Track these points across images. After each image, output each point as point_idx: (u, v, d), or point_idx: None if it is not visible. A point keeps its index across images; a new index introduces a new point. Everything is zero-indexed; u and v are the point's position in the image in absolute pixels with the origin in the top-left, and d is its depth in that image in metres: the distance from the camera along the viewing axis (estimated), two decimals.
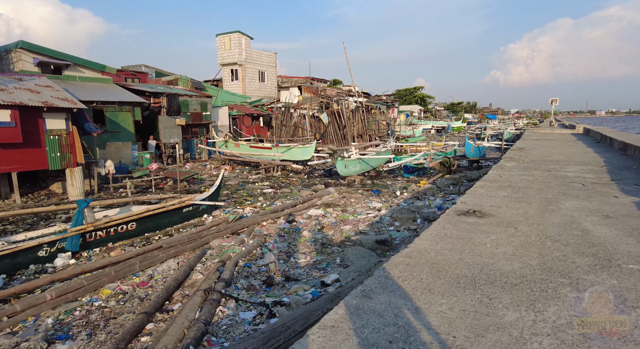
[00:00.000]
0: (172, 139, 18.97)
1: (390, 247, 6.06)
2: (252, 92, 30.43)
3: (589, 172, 7.77)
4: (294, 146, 17.78)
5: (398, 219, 8.28)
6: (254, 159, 18.17)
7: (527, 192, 5.95)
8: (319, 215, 9.33)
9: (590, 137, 18.12)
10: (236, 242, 6.82)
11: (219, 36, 29.98)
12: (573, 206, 5.04)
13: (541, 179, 7.09)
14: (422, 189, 13.00)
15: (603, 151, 11.77)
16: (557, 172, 7.86)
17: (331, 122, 24.47)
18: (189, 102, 20.51)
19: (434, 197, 11.58)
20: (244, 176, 17.06)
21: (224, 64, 30.34)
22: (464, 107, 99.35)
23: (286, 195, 12.88)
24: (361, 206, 10.53)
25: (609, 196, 5.54)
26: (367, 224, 8.18)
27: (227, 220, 8.22)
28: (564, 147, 13.63)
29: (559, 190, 6.06)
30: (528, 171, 8.05)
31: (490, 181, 7.00)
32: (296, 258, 5.83)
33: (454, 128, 47.54)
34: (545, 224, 4.24)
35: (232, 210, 10.49)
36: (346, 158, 15.02)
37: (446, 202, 10.30)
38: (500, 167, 8.79)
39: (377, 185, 15.03)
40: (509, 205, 5.14)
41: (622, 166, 8.40)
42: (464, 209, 4.94)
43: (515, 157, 10.58)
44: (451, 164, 16.41)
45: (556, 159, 9.96)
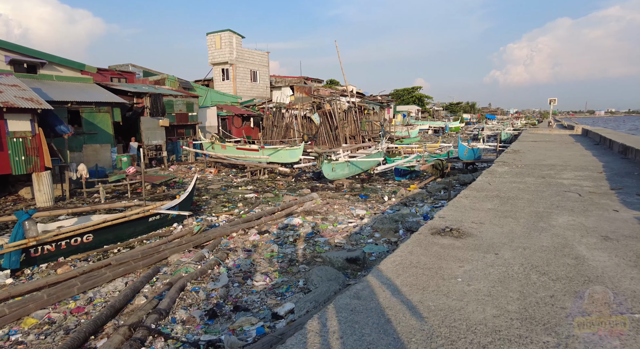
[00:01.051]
0: (155, 141, 18.29)
1: (363, 266, 5.39)
2: (243, 92, 29.76)
3: (586, 179, 7.10)
4: (282, 147, 17.10)
5: (379, 230, 7.61)
6: (240, 162, 17.50)
7: (516, 204, 5.28)
8: (296, 224, 8.65)
9: (589, 139, 17.47)
10: (194, 259, 6.15)
11: (210, 35, 29.30)
12: (567, 222, 4.37)
13: (533, 187, 6.43)
14: (412, 194, 12.33)
15: (602, 154, 11.10)
16: (551, 179, 7.19)
17: (323, 123, 23.79)
18: (174, 102, 19.83)
19: (423, 203, 10.92)
20: (229, 180, 16.39)
21: (215, 64, 29.66)
22: (462, 108, 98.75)
23: (268, 200, 12.22)
24: (344, 214, 9.86)
25: (608, 209, 4.88)
26: (345, 235, 7.51)
27: (192, 232, 7.55)
28: (561, 149, 12.97)
29: (552, 201, 5.39)
30: (520, 177, 7.39)
31: (477, 189, 6.33)
32: (254, 280, 5.15)
33: (452, 129, 46.87)
34: (532, 247, 3.57)
35: (205, 218, 9.83)
36: (333, 161, 14.35)
37: (434, 210, 9.64)
38: (490, 172, 8.13)
39: (367, 189, 14.38)
40: (494, 221, 4.47)
41: (622, 172, 7.74)
42: (441, 226, 4.27)
43: (509, 161, 9.91)
44: (444, 167, 15.74)
45: (552, 164, 9.30)
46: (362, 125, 24.40)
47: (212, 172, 17.91)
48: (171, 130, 20.37)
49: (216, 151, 19.47)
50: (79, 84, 15.99)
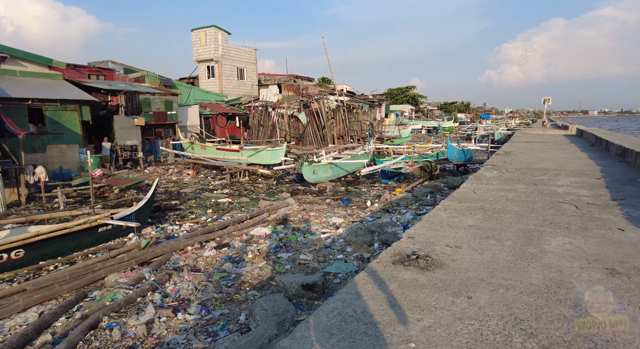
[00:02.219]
0: (130, 141, 17.32)
1: (322, 292, 4.53)
2: (229, 91, 28.79)
3: (583, 186, 6.30)
4: (263, 148, 16.21)
5: (352, 243, 6.76)
6: (220, 163, 16.58)
7: (503, 219, 4.45)
8: (262, 235, 7.78)
9: (584, 139, 16.74)
10: (130, 281, 5.26)
11: (194, 31, 28.30)
12: (562, 246, 3.54)
13: (524, 197, 5.60)
14: (396, 199, 11.50)
15: (599, 157, 10.33)
16: (544, 186, 6.38)
17: (310, 123, 22.91)
18: (152, 100, 18.86)
19: (406, 209, 10.09)
20: (207, 182, 15.48)
21: (200, 61, 28.66)
22: (457, 107, 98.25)
23: (242, 206, 11.34)
24: (319, 222, 9.01)
25: (611, 227, 4.05)
26: (313, 249, 6.65)
27: (139, 246, 6.65)
28: (555, 151, 12.20)
29: (544, 216, 4.57)
30: (510, 184, 6.57)
31: (459, 199, 5.50)
32: (188, 312, 4.28)
33: (445, 128, 46.17)
34: (518, 287, 2.73)
35: (166, 227, 8.93)
36: (315, 163, 13.48)
37: (417, 217, 8.80)
38: (477, 178, 7.30)
39: (350, 193, 13.54)
40: (473, 244, 3.63)
41: (623, 178, 6.94)
42: (407, 251, 3.43)
43: (499, 165, 9.10)
44: (432, 169, 14.94)
45: (545, 168, 8.50)
46: (350, 125, 23.56)
47: (189, 174, 16.99)
48: (149, 129, 19.40)
49: (196, 152, 18.54)
50: (46, 80, 14.98)
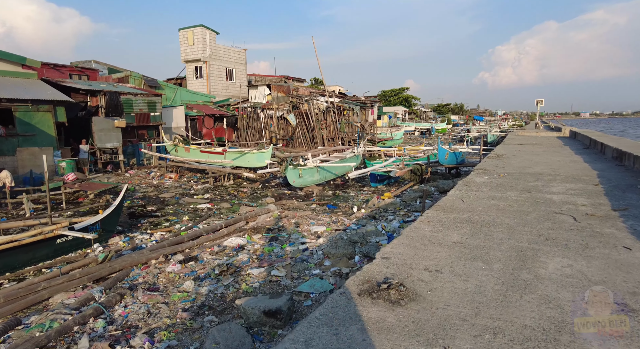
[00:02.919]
0: (111, 144, 16.63)
1: (288, 319, 3.96)
2: (218, 91, 28.15)
3: (580, 193, 5.79)
4: (248, 151, 15.61)
5: (331, 256, 6.20)
6: (203, 166, 15.96)
7: (492, 234, 3.92)
8: (236, 246, 7.19)
9: (578, 142, 16.36)
10: (77, 302, 4.65)
11: (182, 31, 27.63)
12: (561, 270, 3.00)
13: (516, 206, 5.08)
14: (384, 204, 10.97)
15: (594, 160, 9.88)
16: (538, 193, 5.87)
17: (299, 124, 22.35)
18: (134, 101, 18.18)
19: (394, 216, 9.55)
20: (189, 186, 14.84)
21: (188, 61, 28.00)
22: (451, 109, 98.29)
23: (222, 212, 10.74)
24: (301, 231, 8.43)
25: (616, 245, 3.53)
26: (288, 263, 6.07)
27: (97, 260, 6.03)
28: (549, 154, 11.75)
29: (539, 230, 4.04)
30: (501, 191, 6.05)
31: (445, 209, 4.96)
32: (131, 344, 3.68)
33: (438, 130, 45.84)
34: (507, 332, 2.18)
35: (136, 236, 8.31)
36: (301, 166, 12.92)
37: (404, 225, 8.26)
38: (466, 184, 6.78)
39: (338, 197, 13.00)
40: (457, 267, 3.09)
41: (622, 184, 6.46)
42: (379, 277, 2.87)
43: (490, 169, 8.60)
44: (423, 172, 14.44)
45: (539, 172, 8.00)
46: (341, 126, 23.03)
47: (172, 177, 16.33)
48: (131, 131, 18.72)
49: (180, 154, 17.90)
50: (18, 79, 14.28)
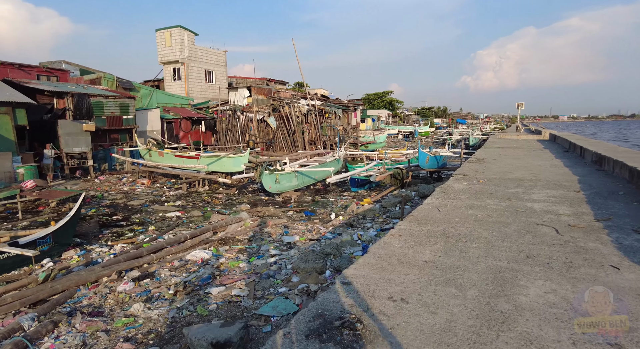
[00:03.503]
0: (79, 148, 15.79)
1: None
2: (197, 94, 27.41)
3: (562, 202, 5.49)
4: (224, 155, 15.01)
5: (300, 271, 5.72)
6: (177, 171, 15.28)
7: (468, 251, 3.52)
8: (199, 260, 6.65)
9: (558, 145, 16.36)
10: (1, 333, 4.05)
11: (159, 31, 26.82)
12: (543, 297, 2.61)
13: (495, 216, 4.72)
14: (363, 211, 10.56)
15: (574, 164, 9.71)
16: (519, 201, 5.54)
17: (280, 127, 21.85)
18: (105, 103, 17.36)
19: (372, 223, 9.14)
20: (161, 193, 14.15)
21: (165, 63, 27.18)
22: (434, 112, 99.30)
23: (192, 220, 10.15)
24: (272, 241, 7.94)
25: (602, 264, 3.17)
26: (252, 280, 5.57)
27: (37, 280, 5.41)
28: (529, 157, 11.58)
29: (519, 245, 3.67)
30: (480, 199, 5.70)
31: (419, 220, 4.56)
32: None
33: (421, 133, 45.96)
34: None
35: (94, 249, 7.67)
36: (278, 171, 12.42)
37: (381, 233, 7.86)
38: (444, 191, 6.42)
39: (317, 203, 12.55)
40: (426, 294, 2.66)
41: (604, 190, 6.20)
42: (334, 311, 2.42)
43: (470, 174, 8.30)
44: (404, 176, 14.13)
45: (520, 178, 7.73)
46: (322, 130, 22.63)
47: (144, 183, 15.60)
48: (102, 135, 17.89)
49: (153, 159, 17.15)
50: None
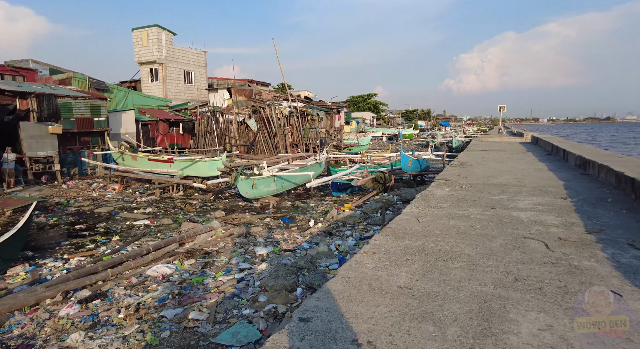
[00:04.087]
0: (44, 152, 14.88)
1: None
2: (175, 95, 26.57)
3: (550, 210, 5.12)
4: (199, 159, 14.36)
5: (269, 289, 5.20)
6: (150, 176, 14.54)
7: (450, 273, 3.07)
8: (159, 276, 6.05)
9: (540, 147, 16.28)
10: None
11: (135, 31, 25.90)
12: (537, 337, 2.17)
13: (479, 228, 4.31)
14: (343, 217, 10.10)
15: (559, 168, 9.47)
16: (504, 210, 5.15)
17: (261, 130, 21.26)
18: (73, 105, 16.47)
19: (352, 230, 8.69)
20: (132, 199, 13.40)
21: (142, 63, 26.27)
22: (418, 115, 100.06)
23: (161, 229, 9.51)
24: (243, 252, 7.38)
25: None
26: (214, 301, 5.01)
27: None
28: (513, 161, 11.34)
29: (506, 265, 3.24)
30: (463, 208, 5.30)
31: (397, 233, 4.10)
32: None
33: (405, 135, 45.99)
34: None
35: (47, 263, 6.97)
36: (255, 176, 11.85)
37: (360, 243, 7.39)
38: (425, 198, 6.00)
39: (296, 209, 12.06)
40: (398, 336, 2.18)
41: (591, 198, 5.89)
42: None
43: (452, 179, 7.93)
44: (386, 180, 13.75)
45: (504, 183, 7.39)
46: (305, 132, 22.14)
47: (115, 189, 14.80)
48: (72, 138, 16.97)
49: (126, 163, 16.35)
50: None
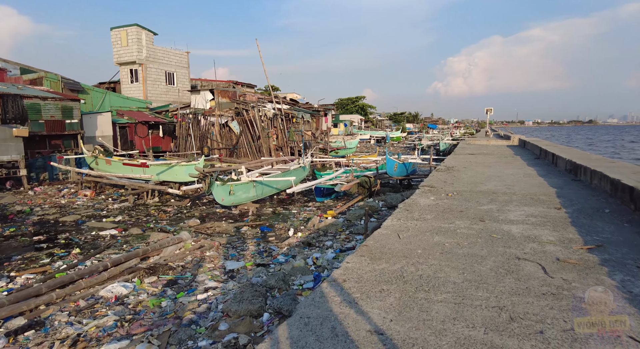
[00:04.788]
0: (7, 156, 13.97)
1: None
2: (156, 97, 25.71)
3: (544, 223, 4.64)
4: (176, 163, 13.64)
5: (232, 314, 4.59)
6: (123, 181, 13.76)
7: (431, 309, 2.53)
8: (113, 298, 5.38)
9: (528, 151, 16.00)
10: None
11: (114, 30, 24.99)
12: None
13: (467, 246, 3.79)
14: (325, 225, 9.53)
15: (548, 173, 9.08)
16: (494, 223, 4.65)
17: (244, 132, 20.60)
18: (42, 106, 15.58)
19: (333, 241, 8.12)
20: (103, 206, 12.62)
21: (122, 63, 25.36)
22: (406, 117, 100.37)
23: (127, 240, 8.81)
24: (212, 268, 6.75)
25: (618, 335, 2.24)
26: (167, 329, 4.38)
27: None
28: (501, 165, 10.95)
29: (498, 297, 2.71)
30: (449, 220, 4.78)
31: (373, 253, 3.55)
32: None
33: (393, 138, 45.75)
34: None
35: None
36: (232, 182, 11.20)
37: (340, 256, 6.83)
38: (408, 209, 5.47)
39: (277, 216, 11.47)
40: None
41: (587, 207, 5.44)
42: None
43: (438, 185, 7.43)
44: (372, 185, 13.25)
45: (492, 190, 6.92)
46: (290, 135, 21.55)
47: (87, 195, 13.97)
48: (41, 141, 16.06)
49: (100, 168, 15.54)
50: None
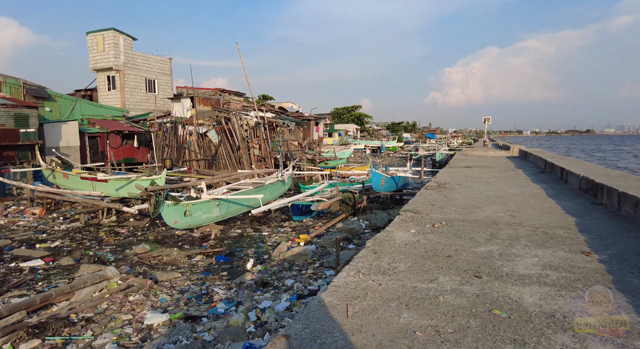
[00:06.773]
0: None
1: None
2: (135, 105, 24.30)
3: (571, 283, 3.12)
4: (135, 178, 12.12)
5: None
6: (76, 198, 12.21)
7: None
8: None
9: (530, 163, 14.54)
10: None
11: (90, 34, 23.69)
12: None
13: (451, 340, 2.25)
14: (292, 255, 7.97)
15: (559, 193, 7.57)
16: (495, 282, 3.13)
17: (222, 142, 19.14)
18: None
19: (296, 278, 6.57)
20: (50, 226, 11.05)
21: (98, 70, 24.00)
22: (404, 127, 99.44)
23: (50, 274, 7.24)
24: (129, 321, 5.18)
25: None
26: None
27: None
28: (501, 182, 9.44)
29: None
30: (429, 275, 3.26)
31: (317, 340, 2.02)
32: None
33: (389, 148, 44.37)
34: None
35: None
36: (188, 201, 9.60)
37: (296, 304, 5.27)
38: (377, 251, 3.93)
39: (244, 239, 9.97)
40: None
41: (628, 251, 3.91)
42: None
43: (423, 210, 5.91)
44: (356, 202, 11.73)
45: (492, 219, 5.40)
46: (273, 145, 20.11)
47: (35, 213, 12.39)
48: None
49: (57, 182, 14.01)
50: None
